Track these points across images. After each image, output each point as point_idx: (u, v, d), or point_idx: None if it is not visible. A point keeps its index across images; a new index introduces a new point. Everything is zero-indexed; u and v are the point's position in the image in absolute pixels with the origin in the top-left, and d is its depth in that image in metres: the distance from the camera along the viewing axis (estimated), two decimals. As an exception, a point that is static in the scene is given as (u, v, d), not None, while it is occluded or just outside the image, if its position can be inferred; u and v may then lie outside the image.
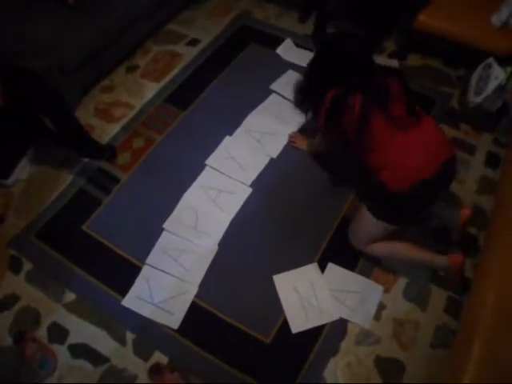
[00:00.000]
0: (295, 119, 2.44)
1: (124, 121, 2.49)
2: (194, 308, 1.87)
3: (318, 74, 1.73)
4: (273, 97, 2.55)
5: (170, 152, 2.36)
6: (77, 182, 2.25)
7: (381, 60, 2.70)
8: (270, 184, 2.23)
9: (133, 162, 2.32)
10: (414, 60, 2.76)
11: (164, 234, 2.07)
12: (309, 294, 1.90)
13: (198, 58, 2.79)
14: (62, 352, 1.79)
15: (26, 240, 2.07)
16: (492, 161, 2.32)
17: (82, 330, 1.83)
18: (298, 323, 1.83)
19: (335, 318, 1.84)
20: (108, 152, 2.32)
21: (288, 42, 2.82)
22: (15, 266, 2.00)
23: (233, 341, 1.81)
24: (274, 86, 2.59)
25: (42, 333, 1.83)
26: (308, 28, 2.90)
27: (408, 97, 1.65)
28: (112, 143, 2.39)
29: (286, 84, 2.57)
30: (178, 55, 2.80)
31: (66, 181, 2.26)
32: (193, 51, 2.82)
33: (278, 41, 2.83)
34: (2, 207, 2.18)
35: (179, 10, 3.02)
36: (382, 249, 1.84)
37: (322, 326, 1.82)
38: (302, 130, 2.39)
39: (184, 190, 2.20)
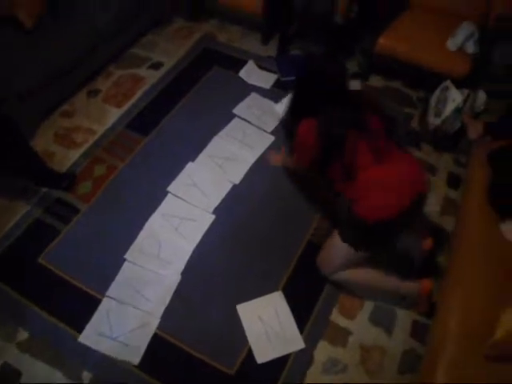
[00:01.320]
0: (259, 143, 2.44)
1: (85, 147, 2.43)
2: (156, 340, 1.81)
3: (299, 101, 1.75)
4: (235, 121, 2.54)
5: (132, 179, 2.31)
6: (33, 212, 2.17)
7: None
8: (233, 211, 2.20)
9: (94, 190, 2.26)
10: (375, 81, 2.80)
11: (125, 264, 2.01)
12: (273, 323, 1.86)
13: (161, 81, 2.77)
14: (13, 395, 1.69)
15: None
16: (453, 181, 2.36)
17: (36, 371, 1.74)
18: (263, 353, 1.79)
19: (300, 346, 1.80)
20: (67, 180, 2.24)
21: (251, 65, 2.83)
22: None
23: (196, 373, 1.74)
24: (236, 110, 2.58)
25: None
26: (271, 49, 2.93)
27: (387, 128, 1.67)
28: (73, 170, 2.32)
29: (248, 107, 2.58)
30: (140, 79, 2.77)
31: (21, 211, 2.17)
32: (156, 74, 2.80)
33: (242, 63, 2.84)
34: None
35: (141, 34, 3.00)
36: (349, 275, 1.82)
37: (288, 355, 1.78)
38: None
39: (146, 219, 2.15)
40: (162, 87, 2.73)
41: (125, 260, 2.01)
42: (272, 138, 2.47)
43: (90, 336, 1.81)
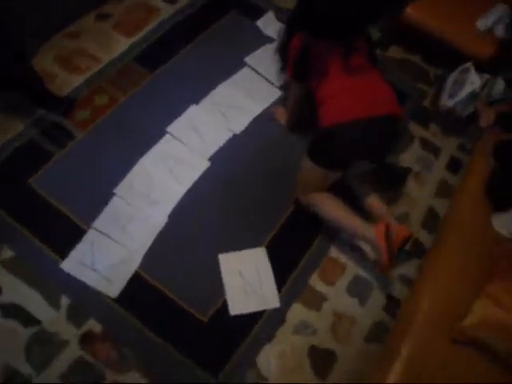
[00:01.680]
0: (265, 96, 2.38)
1: (88, 74, 2.34)
2: (135, 279, 1.83)
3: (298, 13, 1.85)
4: (245, 70, 2.46)
5: (132, 114, 2.24)
6: (27, 132, 2.12)
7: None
8: (229, 161, 2.17)
9: (92, 119, 2.20)
10: (394, 52, 2.70)
11: (114, 198, 2.00)
12: (252, 278, 1.88)
13: (175, 16, 2.64)
14: (-9, 309, 1.73)
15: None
16: (454, 165, 2.34)
17: (16, 290, 1.76)
18: (237, 306, 1.82)
19: (275, 305, 1.84)
20: (65, 105, 2.18)
21: (270, 16, 2.70)
22: None
23: (170, 316, 1.79)
24: (248, 59, 2.49)
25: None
26: (292, 2, 2.77)
27: (370, 48, 1.83)
28: (73, 95, 2.25)
29: (260, 58, 2.48)
30: (154, 10, 2.64)
31: (15, 130, 2.12)
32: (171, 9, 2.66)
33: (261, 12, 2.71)
34: None
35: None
36: (319, 199, 1.84)
37: (261, 312, 1.82)
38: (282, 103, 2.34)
39: (141, 155, 2.11)
40: (176, 23, 2.60)
41: (114, 194, 2.00)
42: (279, 93, 2.41)
43: (71, 263, 1.83)
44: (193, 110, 2.29)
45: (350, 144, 1.71)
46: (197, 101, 2.31)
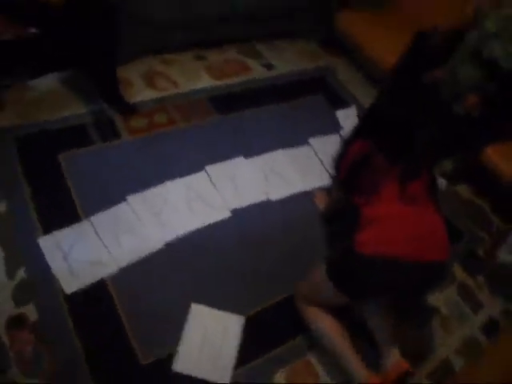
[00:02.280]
0: (315, 178, 2.29)
1: (161, 94, 2.45)
2: (98, 286, 1.68)
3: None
4: (306, 148, 2.41)
5: (181, 141, 2.25)
6: (83, 117, 2.21)
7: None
8: (251, 221, 2.03)
9: (144, 130, 2.25)
10: (462, 190, 2.52)
11: (123, 204, 1.93)
12: (215, 343, 1.63)
13: (265, 80, 2.75)
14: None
15: (1, 137, 2.03)
16: (490, 327, 1.98)
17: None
18: (184, 364, 1.56)
19: (223, 382, 1.55)
20: (127, 109, 2.27)
21: (352, 110, 2.71)
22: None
23: (111, 341, 1.58)
24: (312, 141, 2.45)
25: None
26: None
27: (433, 178, 1.63)
28: (137, 105, 2.34)
29: (325, 144, 2.42)
30: (248, 68, 2.78)
31: (75, 110, 2.22)
32: (263, 73, 2.79)
33: (344, 105, 2.74)
34: (9, 101, 2.17)
35: (274, 36, 3.02)
36: (314, 314, 1.59)
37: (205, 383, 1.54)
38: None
39: (169, 179, 2.07)
40: (263, 85, 2.70)
41: (125, 200, 1.94)
42: (329, 181, 2.30)
43: (49, 242, 1.74)
44: (239, 161, 2.24)
45: (388, 281, 1.46)
46: (247, 155, 2.28)
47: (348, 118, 2.66)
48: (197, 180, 2.11)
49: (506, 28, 2.19)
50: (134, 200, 1.95)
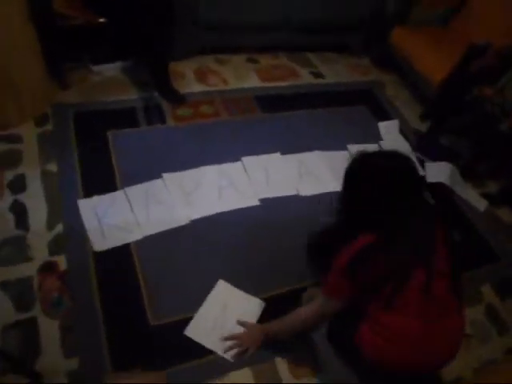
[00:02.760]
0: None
1: (211, 88, 2.61)
2: (124, 249, 1.79)
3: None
4: (342, 154, 2.43)
5: (224, 132, 2.38)
6: (135, 101, 2.41)
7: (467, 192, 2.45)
8: (278, 211, 2.08)
9: (189, 118, 2.40)
10: (505, 213, 2.41)
11: (158, 180, 2.06)
12: (229, 321, 1.66)
13: (314, 86, 2.84)
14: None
15: (64, 110, 2.27)
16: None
17: (34, 195, 1.90)
18: (195, 331, 1.62)
19: (225, 356, 1.58)
20: (176, 98, 2.43)
21: (394, 123, 2.71)
22: (40, 121, 2.19)
23: (127, 293, 1.68)
24: (350, 147, 2.48)
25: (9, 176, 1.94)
26: (422, 125, 2.77)
27: (456, 267, 1.35)
28: (186, 96, 2.49)
29: (361, 152, 2.45)
30: (298, 75, 2.88)
31: (129, 95, 2.43)
32: (312, 80, 2.88)
33: (387, 117, 2.75)
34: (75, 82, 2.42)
35: (327, 48, 3.12)
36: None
37: (210, 351, 1.58)
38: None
39: (205, 164, 2.18)
40: (311, 91, 2.79)
41: (161, 177, 2.07)
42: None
43: (87, 205, 1.90)
44: (275, 156, 2.32)
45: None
46: (284, 152, 2.35)
47: (389, 131, 2.66)
48: (232, 168, 2.20)
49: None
50: (169, 178, 2.08)
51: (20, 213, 1.82)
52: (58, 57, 2.27)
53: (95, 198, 1.93)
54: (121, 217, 1.90)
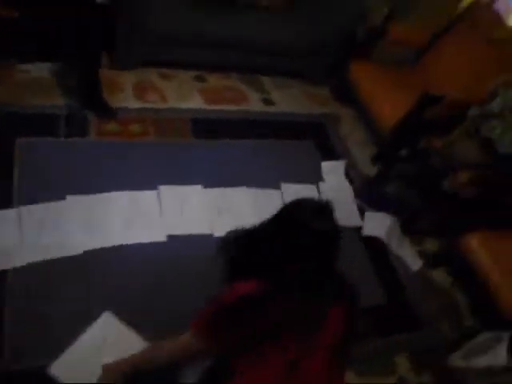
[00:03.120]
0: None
1: (147, 105, 2.43)
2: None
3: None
4: (274, 192, 2.26)
5: (146, 154, 2.20)
6: (58, 108, 2.22)
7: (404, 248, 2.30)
8: (185, 251, 1.91)
9: (113, 134, 2.23)
10: (440, 275, 2.26)
11: (61, 202, 1.88)
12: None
13: (261, 114, 2.66)
14: None
15: None
16: None
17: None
18: (64, 370, 1.46)
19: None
20: (106, 111, 2.26)
21: (340, 164, 2.54)
22: None
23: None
24: (283, 186, 2.30)
25: None
26: (372, 170, 2.60)
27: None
28: (118, 112, 2.31)
29: (295, 192, 2.23)
30: (246, 100, 2.71)
31: (52, 100, 2.25)
32: (260, 107, 2.71)
33: (334, 157, 2.59)
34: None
35: (284, 73, 2.94)
36: None
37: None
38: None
39: (117, 189, 2.00)
40: (253, 119, 2.61)
41: (64, 199, 1.89)
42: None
43: None
44: (195, 189, 2.14)
45: None
46: (206, 185, 2.17)
47: (332, 172, 2.49)
48: (144, 197, 2.03)
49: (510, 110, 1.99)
50: (72, 201, 1.91)
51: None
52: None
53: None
54: (5, 238, 1.72)
